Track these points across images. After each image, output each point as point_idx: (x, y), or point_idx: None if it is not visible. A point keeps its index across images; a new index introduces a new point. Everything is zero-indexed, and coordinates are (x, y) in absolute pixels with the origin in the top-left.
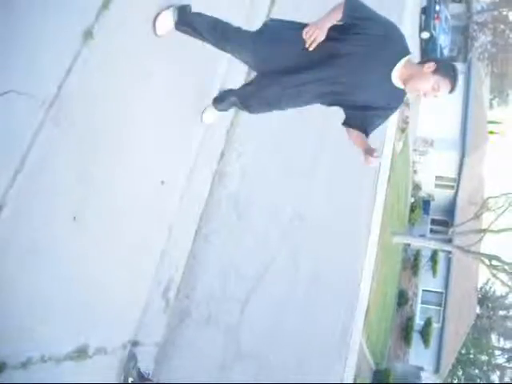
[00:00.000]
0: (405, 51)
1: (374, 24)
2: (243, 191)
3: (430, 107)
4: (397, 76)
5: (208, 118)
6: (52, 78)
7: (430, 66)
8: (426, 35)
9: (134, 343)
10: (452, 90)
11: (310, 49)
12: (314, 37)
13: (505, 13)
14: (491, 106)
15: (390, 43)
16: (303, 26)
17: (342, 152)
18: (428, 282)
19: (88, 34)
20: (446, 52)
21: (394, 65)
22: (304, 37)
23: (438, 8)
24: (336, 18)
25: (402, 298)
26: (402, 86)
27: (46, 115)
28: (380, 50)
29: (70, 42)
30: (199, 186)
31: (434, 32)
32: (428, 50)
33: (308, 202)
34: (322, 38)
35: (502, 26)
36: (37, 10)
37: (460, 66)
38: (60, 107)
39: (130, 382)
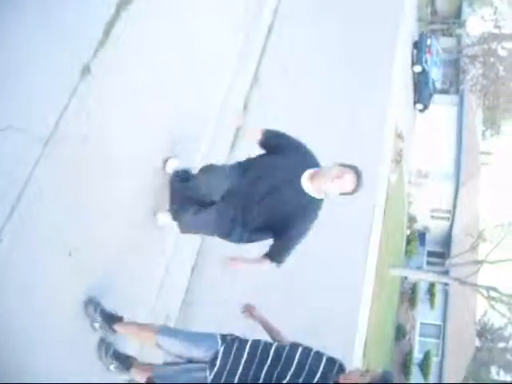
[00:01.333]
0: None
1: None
2: None
3: (423, 139)
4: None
5: (162, 220)
6: (50, 114)
7: None
8: (418, 69)
9: (131, 380)
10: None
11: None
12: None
13: (494, 46)
14: (484, 137)
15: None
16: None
17: None
18: (426, 314)
19: (86, 70)
20: (438, 85)
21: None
22: None
23: (429, 42)
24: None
25: (401, 332)
26: (315, 195)
27: (43, 150)
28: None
29: (68, 78)
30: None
31: (425, 66)
32: (420, 83)
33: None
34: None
35: (492, 59)
36: (36, 46)
37: (452, 99)
38: (57, 143)
39: (96, 327)
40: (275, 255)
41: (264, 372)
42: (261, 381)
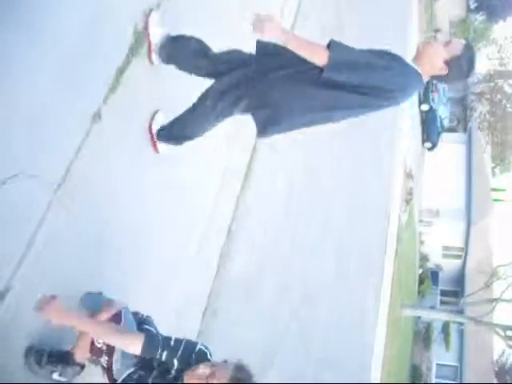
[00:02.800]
0: None
1: None
2: (251, 270)
3: (433, 178)
4: None
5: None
6: (60, 160)
7: None
8: (425, 107)
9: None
10: None
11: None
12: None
13: (500, 83)
14: (494, 173)
15: None
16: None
17: (349, 227)
18: (441, 355)
19: (96, 116)
20: (446, 123)
21: None
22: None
23: (435, 81)
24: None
25: (416, 373)
26: None
27: (54, 196)
28: None
29: (79, 124)
30: (206, 265)
31: (433, 104)
32: (428, 121)
33: (316, 279)
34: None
35: (499, 96)
36: (47, 92)
37: (461, 136)
38: (67, 188)
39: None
40: None
41: None
42: None
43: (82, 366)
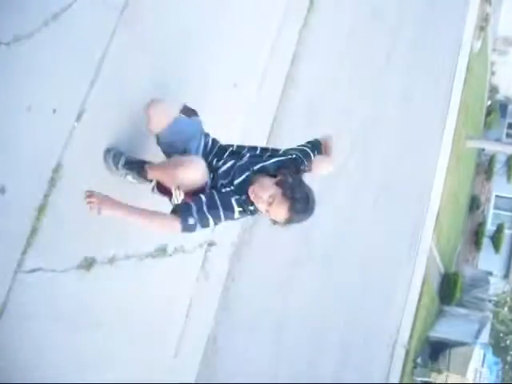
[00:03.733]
0: None
1: None
2: None
3: None
4: None
5: None
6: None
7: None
8: None
9: (211, 243)
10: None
11: None
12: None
13: None
14: None
15: None
16: None
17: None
18: (502, 187)
19: None
20: None
21: None
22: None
23: None
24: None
25: (475, 203)
26: None
27: (119, 20)
28: None
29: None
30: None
31: None
32: None
33: (383, 103)
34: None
35: None
36: None
37: None
38: (132, 11)
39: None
40: None
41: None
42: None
43: (151, 181)
